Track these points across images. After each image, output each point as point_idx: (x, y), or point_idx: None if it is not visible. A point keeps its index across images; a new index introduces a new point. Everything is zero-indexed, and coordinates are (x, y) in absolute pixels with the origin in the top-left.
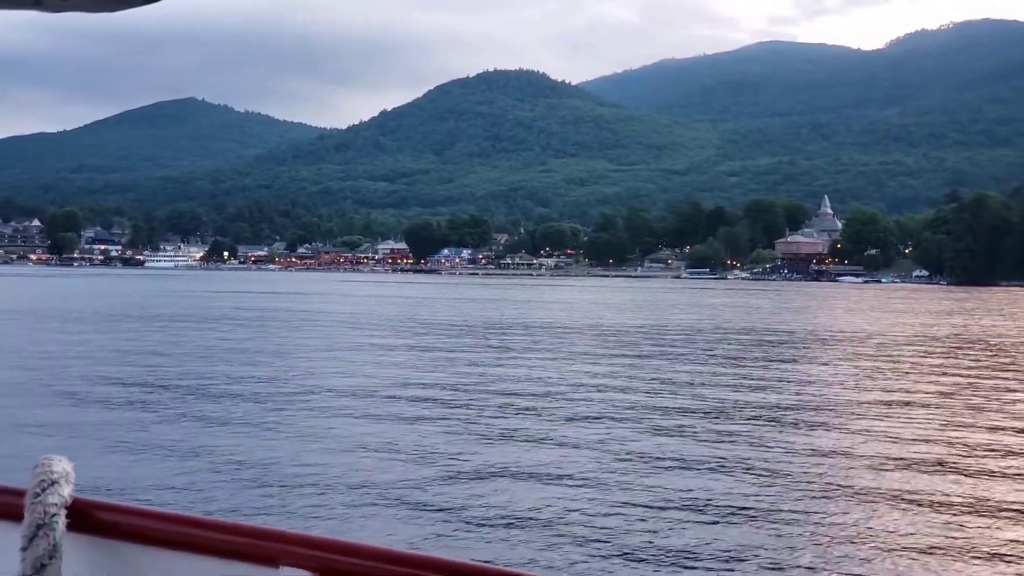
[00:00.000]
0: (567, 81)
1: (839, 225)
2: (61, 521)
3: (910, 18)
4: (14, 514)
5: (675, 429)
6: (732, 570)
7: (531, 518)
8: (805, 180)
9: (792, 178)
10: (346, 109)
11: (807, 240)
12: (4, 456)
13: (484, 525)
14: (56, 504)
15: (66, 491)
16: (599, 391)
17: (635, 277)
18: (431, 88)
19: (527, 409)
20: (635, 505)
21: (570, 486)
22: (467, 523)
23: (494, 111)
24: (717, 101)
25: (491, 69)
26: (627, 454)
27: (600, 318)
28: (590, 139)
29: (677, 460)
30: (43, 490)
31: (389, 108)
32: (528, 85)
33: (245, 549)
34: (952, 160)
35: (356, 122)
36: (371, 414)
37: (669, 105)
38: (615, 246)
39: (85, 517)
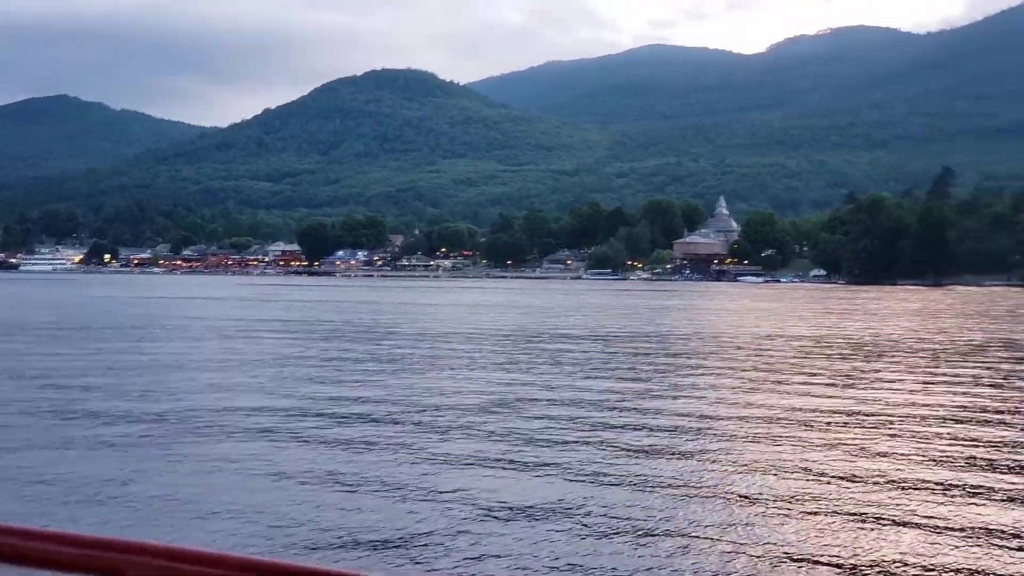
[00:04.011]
0: (455, 81)
1: (735, 226)
2: None
3: (788, 23)
4: None
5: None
6: None
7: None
8: (691, 181)
9: (679, 179)
10: (227, 107)
11: (704, 240)
12: None
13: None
14: None
15: None
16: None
17: (535, 278)
18: (317, 86)
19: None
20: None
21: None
22: (341, 534)
23: (382, 110)
24: (604, 103)
25: (378, 68)
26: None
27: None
28: (479, 139)
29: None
30: None
31: (272, 106)
32: (416, 85)
33: (87, 561)
34: (832, 162)
35: (238, 121)
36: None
37: (556, 106)
38: (513, 247)
39: None
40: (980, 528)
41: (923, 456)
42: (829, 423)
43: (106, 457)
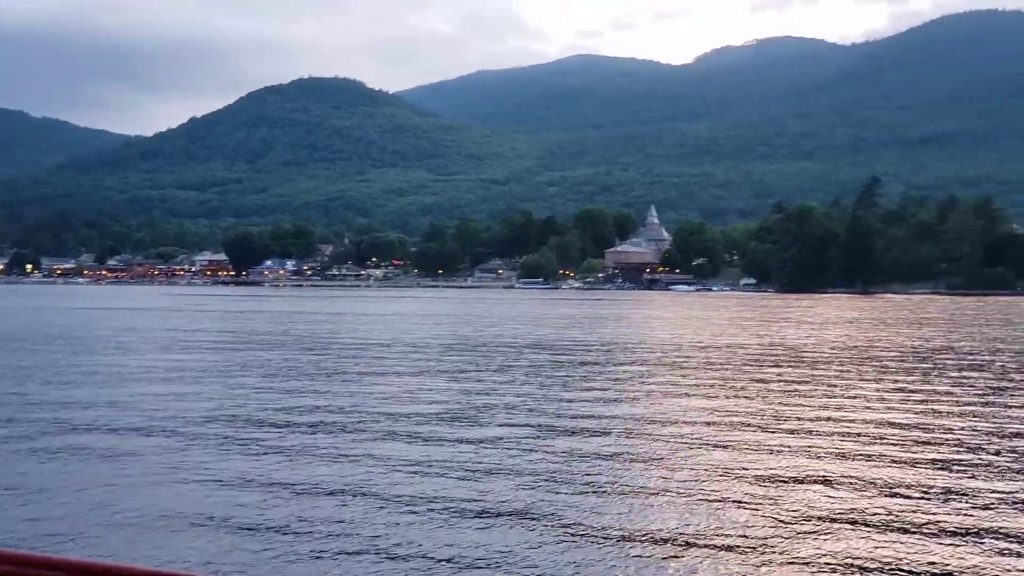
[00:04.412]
0: (384, 90)
1: (666, 235)
2: None
3: (715, 34)
4: None
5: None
6: None
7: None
8: (621, 191)
9: (609, 189)
10: (153, 116)
11: (636, 250)
12: None
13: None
14: None
15: None
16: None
17: (467, 288)
18: (243, 95)
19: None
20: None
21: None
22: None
23: (310, 119)
24: (533, 112)
25: (306, 76)
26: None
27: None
28: (409, 148)
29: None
30: None
31: (199, 115)
32: (345, 93)
33: None
34: (759, 172)
35: (164, 129)
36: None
37: (486, 115)
38: (445, 256)
39: None
40: (935, 527)
41: (880, 457)
42: (791, 430)
43: (48, 471)
